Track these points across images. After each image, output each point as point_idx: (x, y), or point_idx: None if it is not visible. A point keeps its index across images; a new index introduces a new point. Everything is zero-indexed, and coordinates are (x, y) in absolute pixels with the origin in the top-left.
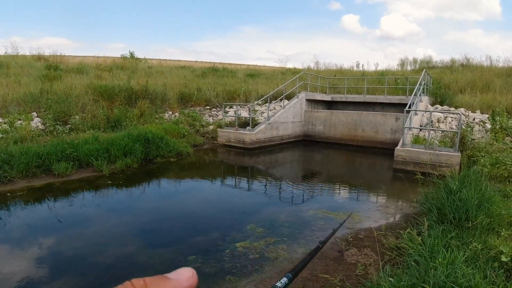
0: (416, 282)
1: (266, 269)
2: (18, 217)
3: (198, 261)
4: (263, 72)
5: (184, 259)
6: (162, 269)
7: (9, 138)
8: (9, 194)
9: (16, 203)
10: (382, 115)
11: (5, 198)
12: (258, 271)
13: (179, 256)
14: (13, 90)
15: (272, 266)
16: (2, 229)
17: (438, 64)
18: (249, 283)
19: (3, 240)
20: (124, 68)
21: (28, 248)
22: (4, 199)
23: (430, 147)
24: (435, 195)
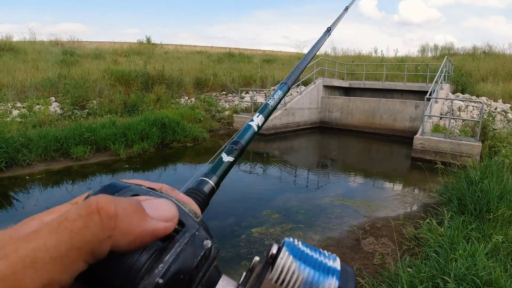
0: (436, 273)
1: None
2: (36, 200)
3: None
4: (279, 57)
5: None
6: None
7: (28, 123)
8: (28, 178)
9: (34, 186)
10: (401, 103)
11: (24, 182)
12: None
13: None
14: (31, 75)
15: None
16: (22, 212)
17: (459, 51)
18: None
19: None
20: (141, 53)
21: None
22: (23, 182)
23: (451, 136)
24: (455, 185)
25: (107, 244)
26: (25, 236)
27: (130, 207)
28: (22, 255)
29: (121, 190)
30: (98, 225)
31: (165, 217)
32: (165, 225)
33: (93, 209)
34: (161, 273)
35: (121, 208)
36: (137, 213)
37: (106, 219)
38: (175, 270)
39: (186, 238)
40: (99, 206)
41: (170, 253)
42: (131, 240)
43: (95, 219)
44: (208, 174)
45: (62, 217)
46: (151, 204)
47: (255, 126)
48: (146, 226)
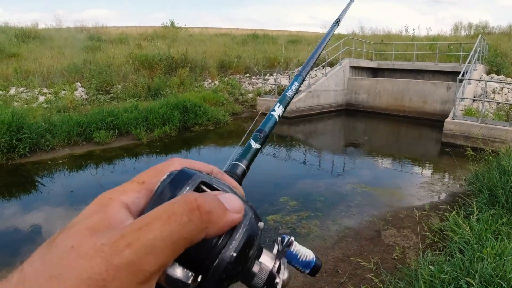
0: (460, 275)
1: None
2: (60, 184)
3: None
4: (305, 38)
5: None
6: None
7: (53, 108)
8: (51, 162)
9: (58, 171)
10: (432, 84)
11: (47, 166)
12: None
13: None
14: (57, 61)
15: (303, 242)
16: (47, 196)
17: (495, 30)
18: None
19: (51, 205)
20: (165, 37)
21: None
22: (47, 167)
23: (484, 120)
24: (486, 174)
25: (204, 233)
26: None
27: (215, 202)
28: (144, 244)
29: (192, 177)
30: (199, 219)
31: (236, 209)
32: (238, 216)
33: (194, 206)
34: (234, 248)
35: (211, 205)
36: (220, 208)
37: (204, 214)
38: (243, 245)
39: (247, 221)
40: (198, 203)
41: (238, 233)
42: (218, 229)
43: (196, 215)
44: (239, 159)
45: (169, 211)
46: (225, 199)
47: (276, 116)
48: (227, 218)
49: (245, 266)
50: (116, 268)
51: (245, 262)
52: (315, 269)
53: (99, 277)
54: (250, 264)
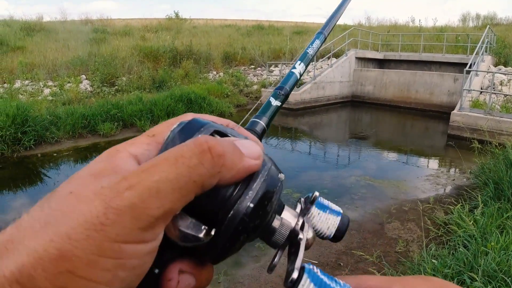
0: (463, 269)
1: None
2: (66, 176)
3: None
4: (311, 29)
5: None
6: None
7: (58, 101)
8: (56, 154)
9: (63, 163)
10: (438, 75)
11: (52, 158)
12: None
13: None
14: (62, 54)
15: None
16: (52, 187)
17: (503, 21)
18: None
19: None
20: (169, 29)
21: None
22: (52, 159)
23: (491, 112)
24: (492, 167)
25: (216, 179)
26: (146, 169)
27: (230, 146)
28: (147, 186)
29: (205, 126)
30: (210, 162)
31: (255, 155)
32: (255, 162)
33: (205, 148)
34: (251, 199)
35: (225, 148)
36: (236, 152)
37: (216, 157)
38: (261, 196)
39: (266, 171)
40: (209, 145)
41: (256, 182)
42: (233, 175)
43: (208, 157)
44: (258, 116)
45: (177, 153)
46: (243, 144)
47: (297, 73)
48: (244, 163)
49: (263, 220)
50: (116, 211)
51: (263, 215)
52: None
53: (96, 220)
54: (270, 218)
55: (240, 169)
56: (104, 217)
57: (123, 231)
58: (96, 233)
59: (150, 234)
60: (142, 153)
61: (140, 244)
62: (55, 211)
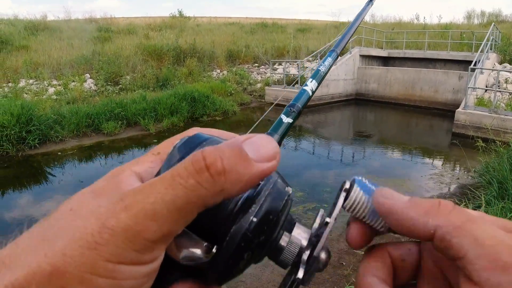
0: None
1: None
2: (70, 174)
3: None
4: (315, 26)
5: None
6: None
7: (62, 100)
8: (60, 153)
9: (67, 162)
10: (443, 73)
11: (57, 157)
12: None
13: None
14: (66, 53)
15: None
16: (57, 186)
17: (508, 18)
18: None
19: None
20: (173, 27)
21: None
22: (56, 158)
23: (495, 111)
24: (497, 166)
25: (220, 197)
26: (142, 189)
27: (234, 156)
28: (143, 208)
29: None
30: (210, 182)
31: (268, 157)
32: (268, 165)
33: (202, 166)
34: (254, 213)
35: (227, 161)
36: (242, 161)
37: (216, 175)
38: (266, 210)
39: (271, 184)
40: (207, 163)
41: (260, 195)
42: (241, 187)
43: (206, 177)
44: (270, 133)
45: (174, 173)
46: (252, 144)
47: (309, 90)
48: (252, 171)
49: (269, 236)
50: (110, 231)
51: (269, 231)
52: None
53: (91, 238)
54: (277, 235)
55: (248, 180)
56: (99, 236)
57: (117, 251)
58: (90, 251)
59: (148, 256)
60: (146, 170)
61: (137, 265)
62: (53, 227)
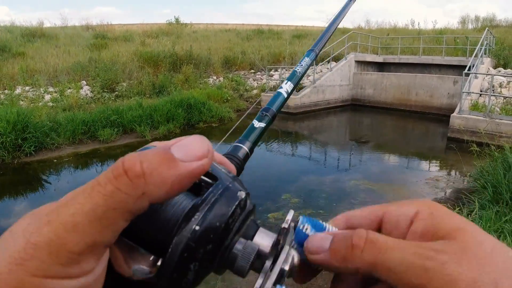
0: None
1: None
2: (66, 182)
3: None
4: (311, 32)
5: None
6: None
7: (59, 107)
8: (56, 160)
9: (63, 169)
10: (438, 78)
11: (53, 165)
12: None
13: None
14: (63, 60)
15: None
16: (54, 193)
17: (502, 22)
18: None
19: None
20: (170, 34)
21: None
22: (52, 165)
23: (490, 115)
24: (491, 170)
25: (144, 201)
26: (65, 203)
27: (157, 158)
28: (63, 221)
29: None
30: (128, 186)
31: (197, 155)
32: (198, 164)
33: (120, 171)
34: (197, 221)
35: (147, 163)
36: (165, 162)
37: (134, 178)
38: (211, 217)
39: (219, 190)
40: (125, 167)
41: (205, 202)
42: (168, 189)
43: (124, 181)
44: (241, 140)
45: (94, 181)
46: (180, 146)
47: (284, 93)
48: (178, 171)
49: (218, 245)
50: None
51: (217, 239)
52: None
53: (18, 255)
54: (230, 242)
55: (176, 181)
56: (24, 252)
57: (42, 266)
58: (17, 267)
59: (75, 270)
60: None
61: (65, 279)
62: None
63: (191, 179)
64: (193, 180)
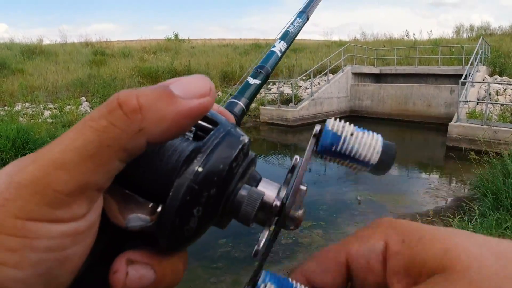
0: None
1: (299, 256)
2: None
3: (228, 245)
4: (307, 46)
5: (214, 242)
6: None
7: (58, 123)
8: None
9: None
10: (435, 88)
11: None
12: (289, 258)
13: (209, 238)
14: (62, 76)
15: (305, 253)
16: None
17: (496, 31)
18: (279, 270)
19: None
20: (168, 49)
21: None
22: None
23: (488, 123)
24: (490, 178)
25: (141, 138)
26: (54, 142)
27: (155, 93)
28: (51, 158)
29: None
30: (123, 120)
31: (198, 93)
32: (199, 101)
33: (115, 105)
34: (200, 162)
35: (144, 98)
36: (164, 98)
37: (130, 113)
38: (214, 159)
39: (221, 133)
40: (120, 101)
41: (207, 145)
42: (167, 127)
43: (119, 115)
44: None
45: (87, 117)
46: (179, 83)
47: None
48: (178, 108)
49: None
50: (17, 185)
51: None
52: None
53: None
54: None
55: (175, 117)
56: (7, 192)
57: (26, 206)
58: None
59: (63, 213)
60: None
61: (52, 223)
62: None
63: (192, 118)
64: (193, 120)
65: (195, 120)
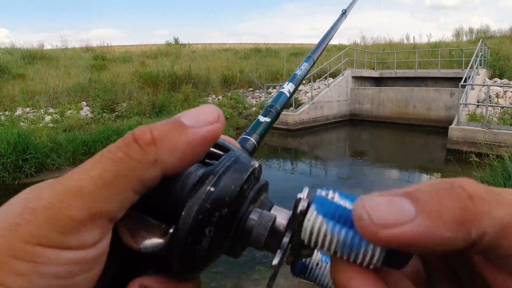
0: None
1: None
2: None
3: None
4: (308, 50)
5: None
6: None
7: (59, 128)
8: None
9: None
10: (435, 91)
11: None
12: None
13: None
14: (63, 81)
15: None
16: None
17: (496, 33)
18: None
19: None
20: (168, 54)
21: None
22: None
23: (488, 125)
24: (491, 181)
25: (156, 169)
26: (72, 171)
27: (167, 126)
28: (68, 185)
29: None
30: (139, 152)
31: (207, 121)
32: (209, 128)
33: (131, 140)
34: (211, 183)
35: (157, 131)
36: (176, 129)
37: (145, 145)
38: (226, 180)
39: (233, 157)
40: (135, 135)
41: (219, 167)
42: (180, 155)
43: (135, 148)
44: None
45: (104, 150)
46: (189, 114)
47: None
48: (190, 136)
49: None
50: (31, 211)
51: (232, 203)
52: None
53: (12, 220)
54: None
55: (187, 146)
56: (20, 218)
57: (37, 232)
58: (9, 233)
59: (74, 240)
60: None
61: (62, 250)
62: None
63: (203, 145)
64: (205, 147)
65: (207, 147)
